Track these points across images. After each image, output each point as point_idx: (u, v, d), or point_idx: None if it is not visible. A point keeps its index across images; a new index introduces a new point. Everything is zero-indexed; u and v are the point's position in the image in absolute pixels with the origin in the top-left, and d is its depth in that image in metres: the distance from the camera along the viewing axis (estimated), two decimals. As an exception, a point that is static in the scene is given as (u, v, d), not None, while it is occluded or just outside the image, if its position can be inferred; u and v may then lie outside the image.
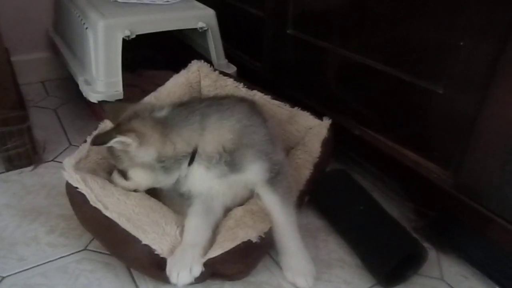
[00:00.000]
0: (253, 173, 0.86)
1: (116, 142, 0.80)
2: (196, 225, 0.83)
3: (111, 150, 0.86)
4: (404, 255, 0.83)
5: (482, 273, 0.88)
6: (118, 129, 0.82)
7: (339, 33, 1.11)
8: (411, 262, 0.85)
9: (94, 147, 0.94)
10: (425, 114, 0.93)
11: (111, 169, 0.94)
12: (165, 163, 0.84)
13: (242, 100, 0.98)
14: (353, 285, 0.84)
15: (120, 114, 0.88)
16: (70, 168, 0.87)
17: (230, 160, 0.84)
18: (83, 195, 0.83)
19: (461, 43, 0.80)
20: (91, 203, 0.81)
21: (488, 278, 0.87)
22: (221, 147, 0.84)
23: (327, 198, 1.02)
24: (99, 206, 0.81)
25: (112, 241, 0.81)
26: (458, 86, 0.84)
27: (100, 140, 0.82)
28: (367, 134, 1.08)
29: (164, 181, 0.87)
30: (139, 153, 0.82)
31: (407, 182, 0.98)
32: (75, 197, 0.85)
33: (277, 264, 0.87)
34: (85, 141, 0.97)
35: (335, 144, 1.09)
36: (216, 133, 0.86)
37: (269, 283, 0.83)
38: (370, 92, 1.06)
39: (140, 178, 0.87)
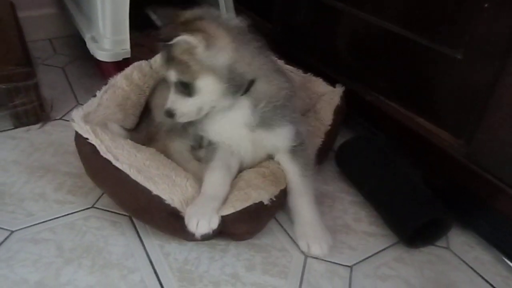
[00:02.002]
0: (281, 136, 0.86)
1: (182, 40, 0.73)
2: (218, 179, 0.83)
3: (172, 56, 0.77)
4: (433, 217, 0.83)
5: (488, 243, 0.87)
6: (184, 27, 0.74)
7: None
8: (434, 227, 0.85)
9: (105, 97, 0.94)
10: (440, 81, 0.90)
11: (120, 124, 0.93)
12: (233, 81, 0.78)
13: None
14: (357, 251, 0.84)
15: (176, 20, 0.79)
16: (79, 119, 0.86)
17: (268, 114, 0.83)
18: (93, 146, 0.81)
19: (486, 5, 0.76)
20: (101, 153, 0.80)
21: (494, 248, 0.86)
22: (272, 96, 0.83)
23: (352, 163, 1.01)
24: (109, 157, 0.80)
25: (122, 192, 0.81)
26: (478, 52, 0.80)
27: (163, 37, 0.76)
28: (379, 101, 1.05)
29: (223, 102, 0.81)
30: (210, 56, 0.75)
31: (418, 150, 0.96)
32: (84, 149, 0.84)
33: (282, 227, 0.88)
34: (95, 96, 0.96)
35: (347, 110, 1.07)
36: (274, 81, 0.84)
37: (274, 246, 0.84)
38: (384, 57, 1.03)
39: (210, 88, 0.78)
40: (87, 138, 0.83)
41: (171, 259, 0.79)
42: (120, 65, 1.08)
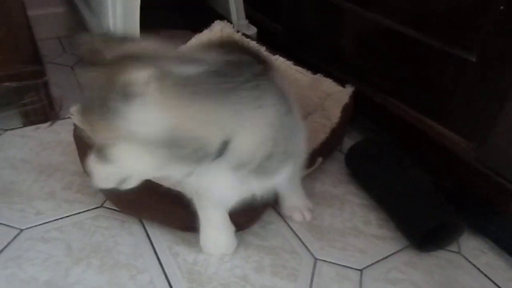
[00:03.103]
0: (281, 177, 0.71)
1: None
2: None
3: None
4: (445, 220, 0.83)
5: (500, 248, 0.86)
6: (107, 70, 0.50)
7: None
8: (446, 231, 0.85)
9: None
10: (453, 84, 0.89)
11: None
12: (182, 147, 0.55)
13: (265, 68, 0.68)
14: (367, 254, 0.84)
15: (100, 56, 0.53)
16: (77, 113, 0.87)
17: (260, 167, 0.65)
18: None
19: (501, 7, 0.75)
20: None
21: (506, 253, 0.85)
22: (258, 150, 0.63)
23: (361, 165, 1.01)
24: None
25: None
26: (492, 55, 0.79)
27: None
28: (389, 102, 1.04)
29: (177, 171, 0.60)
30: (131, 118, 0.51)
31: (429, 153, 0.95)
32: (83, 141, 0.83)
33: (291, 229, 0.87)
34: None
35: (355, 112, 1.06)
36: (259, 130, 0.62)
37: (283, 248, 0.83)
38: (394, 58, 1.02)
39: (132, 157, 0.55)
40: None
41: (180, 260, 0.79)
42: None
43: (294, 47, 1.28)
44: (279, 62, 1.07)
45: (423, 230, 0.82)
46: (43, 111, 1.10)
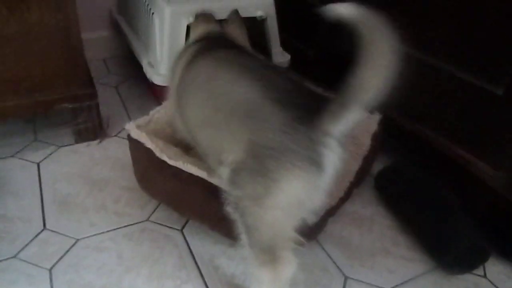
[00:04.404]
0: None
1: None
2: None
3: None
4: (473, 244, 0.86)
5: (526, 274, 0.89)
6: None
7: (397, 26, 1.11)
8: (473, 255, 0.88)
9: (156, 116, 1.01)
10: (481, 115, 0.93)
11: (168, 139, 0.97)
12: None
13: None
14: (396, 274, 0.88)
15: None
16: (133, 127, 0.95)
17: None
18: (148, 150, 0.89)
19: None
20: (157, 155, 0.88)
21: (532, 279, 0.88)
22: None
23: (390, 188, 1.05)
24: (164, 158, 0.87)
25: (178, 193, 0.87)
26: (518, 89, 0.84)
27: None
28: (419, 130, 1.09)
29: None
30: None
31: (457, 179, 0.99)
32: (139, 154, 0.92)
33: (323, 248, 0.92)
34: (147, 115, 1.05)
35: (385, 138, 1.10)
36: None
37: (315, 266, 0.88)
38: (426, 89, 1.07)
39: None
40: (143, 143, 0.91)
41: (220, 273, 0.85)
42: (173, 89, 1.16)
43: (326, 72, 1.34)
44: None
45: (452, 253, 0.86)
46: (94, 130, 1.20)
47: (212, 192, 0.80)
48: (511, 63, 0.85)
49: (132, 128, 0.95)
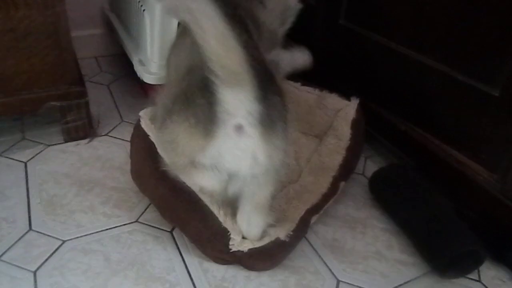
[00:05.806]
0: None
1: None
2: None
3: None
4: (469, 248, 0.85)
5: (521, 279, 0.88)
6: None
7: (394, 27, 1.10)
8: (467, 260, 0.87)
9: None
10: (477, 116, 0.92)
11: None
12: None
13: None
14: (389, 278, 0.87)
15: None
16: (146, 118, 0.94)
17: None
18: (152, 144, 0.88)
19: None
20: (158, 150, 0.86)
21: (526, 284, 0.87)
22: None
23: (385, 190, 1.04)
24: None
25: (170, 184, 0.85)
26: (514, 90, 0.83)
27: None
28: (414, 131, 1.07)
29: None
30: None
31: (451, 181, 0.98)
32: (139, 146, 0.91)
33: (315, 250, 0.91)
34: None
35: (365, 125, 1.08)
36: None
37: (307, 269, 0.87)
38: (421, 89, 1.06)
39: None
40: (149, 135, 0.89)
41: (209, 276, 0.83)
42: (164, 87, 1.14)
43: (324, 73, 1.33)
44: (287, 85, 1.12)
45: (446, 257, 0.84)
46: (83, 128, 1.18)
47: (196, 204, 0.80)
48: (507, 64, 0.83)
49: (145, 118, 0.93)
